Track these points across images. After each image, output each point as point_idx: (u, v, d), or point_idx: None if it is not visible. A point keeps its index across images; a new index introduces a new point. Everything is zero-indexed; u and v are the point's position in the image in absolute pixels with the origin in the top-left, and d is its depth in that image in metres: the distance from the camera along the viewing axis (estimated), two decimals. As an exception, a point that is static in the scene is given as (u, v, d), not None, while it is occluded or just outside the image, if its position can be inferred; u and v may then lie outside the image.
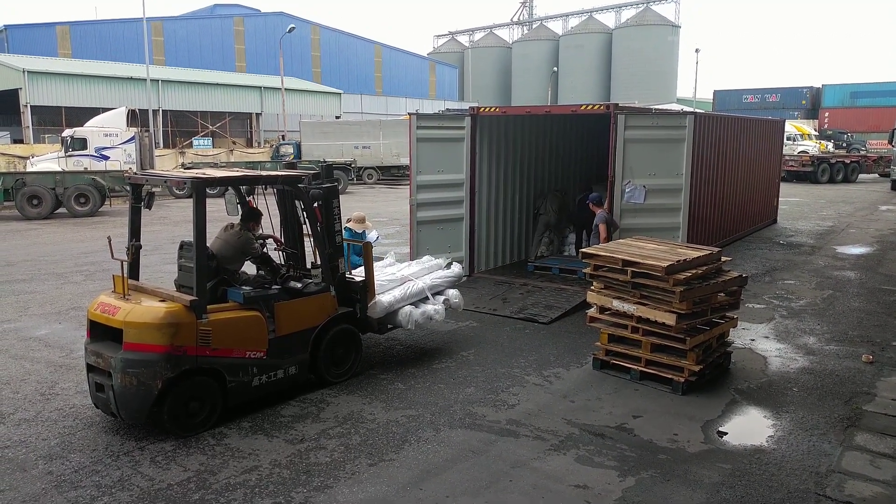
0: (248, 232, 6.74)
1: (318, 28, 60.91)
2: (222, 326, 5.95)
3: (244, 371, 6.13)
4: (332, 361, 6.96)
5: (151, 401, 5.59)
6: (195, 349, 5.76)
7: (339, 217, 7.19)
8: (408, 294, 7.63)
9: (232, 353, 6.02)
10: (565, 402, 6.59)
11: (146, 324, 5.62)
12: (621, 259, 6.91)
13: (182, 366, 5.69)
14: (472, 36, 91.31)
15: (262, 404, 6.43)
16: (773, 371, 7.52)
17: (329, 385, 6.89)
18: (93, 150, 25.75)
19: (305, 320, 6.66)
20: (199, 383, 5.88)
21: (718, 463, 5.38)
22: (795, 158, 33.45)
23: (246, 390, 6.17)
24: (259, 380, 6.24)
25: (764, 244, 15.76)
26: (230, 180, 6.89)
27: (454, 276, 8.37)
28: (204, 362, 5.85)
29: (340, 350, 7.04)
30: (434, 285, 7.98)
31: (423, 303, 7.76)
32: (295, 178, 6.91)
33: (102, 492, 4.89)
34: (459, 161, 11.05)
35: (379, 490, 4.94)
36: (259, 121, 47.23)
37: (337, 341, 6.97)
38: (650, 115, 10.62)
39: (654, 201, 9.69)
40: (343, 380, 7.03)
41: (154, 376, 5.56)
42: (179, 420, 5.76)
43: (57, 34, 47.86)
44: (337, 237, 7.14)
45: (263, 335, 6.24)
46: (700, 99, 59.72)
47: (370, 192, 32.15)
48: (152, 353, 5.58)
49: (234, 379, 6.05)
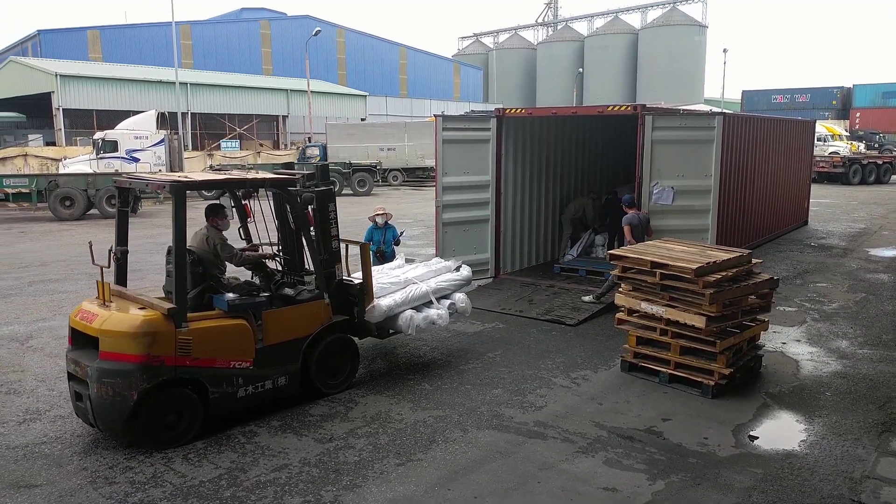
0: (215, 228, 6.42)
1: (343, 31, 61.28)
2: (204, 335, 5.71)
3: (228, 382, 5.86)
4: (327, 371, 6.66)
5: (127, 411, 5.39)
6: (174, 359, 5.54)
7: (336, 221, 6.86)
8: (409, 298, 7.32)
9: (215, 363, 5.77)
10: (593, 405, 6.56)
11: (122, 332, 5.43)
12: (650, 261, 6.86)
13: (159, 376, 5.47)
14: (496, 37, 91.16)
15: (291, 403, 6.49)
16: (806, 375, 7.42)
17: (324, 396, 6.61)
18: (123, 152, 26.15)
19: (296, 329, 6.37)
20: (177, 395, 5.64)
21: (750, 467, 5.32)
22: (826, 159, 32.97)
23: (231, 402, 5.92)
24: (245, 391, 5.98)
25: (795, 246, 15.54)
26: (213, 184, 6.75)
27: (462, 279, 8.10)
28: (184, 373, 5.61)
29: (336, 359, 6.75)
30: (439, 289, 7.70)
31: (427, 307, 7.49)
32: (284, 182, 6.59)
33: (136, 488, 4.98)
34: (485, 162, 11.05)
35: (407, 489, 4.97)
36: (286, 123, 47.67)
37: (332, 351, 6.68)
38: (678, 115, 10.53)
39: (682, 203, 9.60)
40: (338, 391, 6.73)
41: (129, 387, 5.35)
42: (154, 432, 5.54)
43: (88, 39, 48.73)
44: (334, 242, 6.82)
45: (250, 344, 5.99)
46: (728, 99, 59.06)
47: (395, 193, 32.25)
48: (128, 363, 5.37)
49: (218, 390, 5.80)
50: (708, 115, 10.78)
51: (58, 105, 37.07)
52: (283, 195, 6.67)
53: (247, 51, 55.49)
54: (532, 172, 12.11)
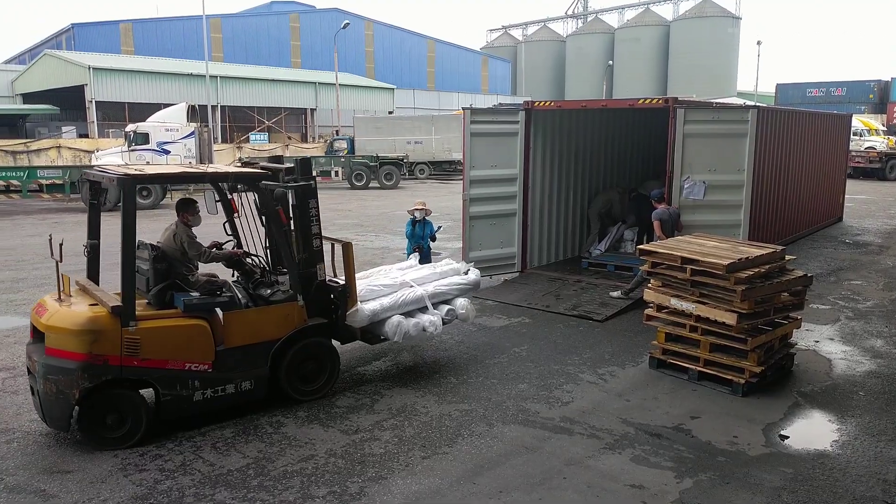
0: (184, 224, 6.18)
1: (371, 24, 61.38)
2: (155, 335, 5.50)
3: (183, 384, 5.62)
4: (302, 377, 6.31)
5: (70, 410, 5.27)
6: (119, 359, 5.35)
7: (317, 218, 6.47)
8: (399, 302, 6.89)
9: (167, 364, 5.54)
10: (620, 401, 6.50)
11: (65, 329, 5.30)
12: (680, 256, 6.76)
13: (103, 376, 5.29)
14: (525, 30, 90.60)
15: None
16: (839, 374, 7.27)
17: (298, 403, 6.27)
18: (154, 144, 26.45)
19: (263, 332, 6.03)
20: (120, 396, 5.45)
21: (780, 467, 5.24)
22: (862, 154, 32.28)
23: (185, 405, 5.67)
24: (203, 394, 5.72)
25: (829, 243, 15.25)
26: (167, 178, 6.39)
27: (468, 283, 7.62)
28: (131, 373, 5.42)
29: (311, 365, 6.36)
30: (438, 293, 7.25)
31: (423, 312, 7.08)
32: (253, 176, 6.23)
33: (166, 475, 5.05)
34: (513, 156, 10.98)
35: (433, 483, 4.97)
36: (314, 116, 47.91)
37: (307, 355, 6.31)
38: (711, 109, 10.36)
39: (714, 197, 9.45)
40: (314, 398, 6.35)
41: (71, 385, 5.20)
42: (97, 432, 5.40)
43: (120, 32, 49.43)
44: (315, 240, 6.44)
45: (208, 346, 5.72)
46: (762, 93, 57.97)
47: (422, 187, 32.27)
48: (71, 361, 5.22)
49: (171, 392, 5.57)
50: (742, 109, 10.59)
51: (91, 98, 37.67)
52: (254, 191, 6.31)
53: (276, 44, 55.87)
54: (560, 166, 12.01)
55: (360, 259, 13.32)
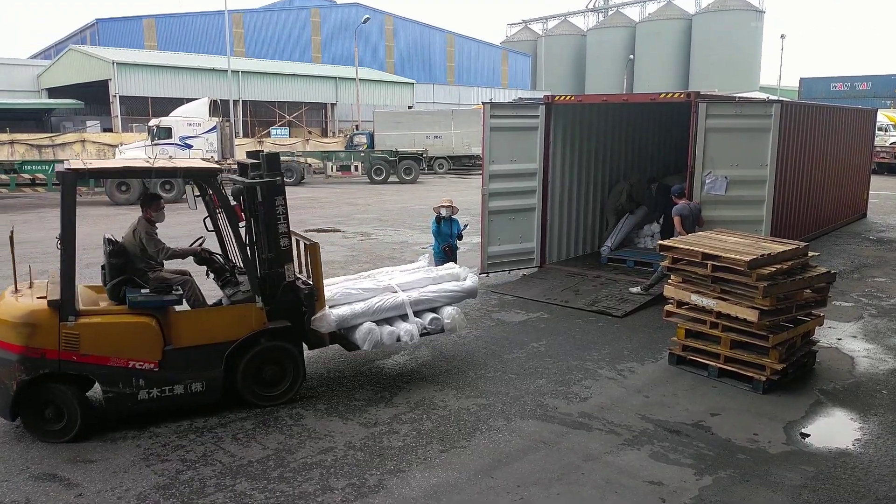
0: (145, 220, 6.11)
1: (391, 18, 61.42)
2: (96, 331, 5.44)
3: (126, 382, 5.53)
4: (262, 381, 6.06)
5: (10, 401, 5.30)
6: (57, 353, 5.32)
7: (285, 216, 6.15)
8: (374, 308, 6.45)
9: (108, 361, 5.46)
10: (639, 397, 6.47)
11: (5, 321, 5.35)
12: (701, 252, 6.71)
13: (40, 369, 5.30)
14: (545, 24, 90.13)
15: (337, 385, 6.58)
16: (861, 372, 7.19)
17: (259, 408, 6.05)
18: (177, 139, 26.71)
19: (216, 333, 5.83)
20: (56, 390, 5.42)
21: (801, 465, 5.19)
22: (887, 150, 31.79)
23: (130, 403, 5.59)
24: (148, 393, 5.61)
25: (852, 239, 15.04)
26: (110, 172, 6.25)
27: (461, 291, 7.08)
28: (70, 368, 5.38)
29: (271, 369, 6.09)
30: (424, 300, 6.77)
31: (404, 320, 6.64)
32: (202, 171, 6.05)
33: (187, 465, 5.12)
34: (533, 150, 10.95)
35: (450, 476, 4.99)
36: (334, 111, 48.12)
37: (267, 359, 6.05)
38: (733, 103, 10.25)
39: (736, 193, 9.36)
40: (275, 404, 6.09)
41: (10, 376, 5.25)
42: (35, 425, 5.44)
43: (143, 27, 49.93)
44: (282, 240, 6.12)
45: (154, 345, 5.59)
46: (785, 87, 57.15)
47: (441, 181, 32.28)
48: (10, 352, 5.28)
49: (113, 390, 5.50)
50: (765, 103, 10.47)
51: (115, 92, 38.12)
52: (208, 187, 6.12)
53: (297, 39, 56.12)
54: (580, 161, 11.96)
55: (378, 254, 13.43)
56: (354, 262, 12.57)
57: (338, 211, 20.62)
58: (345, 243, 14.77)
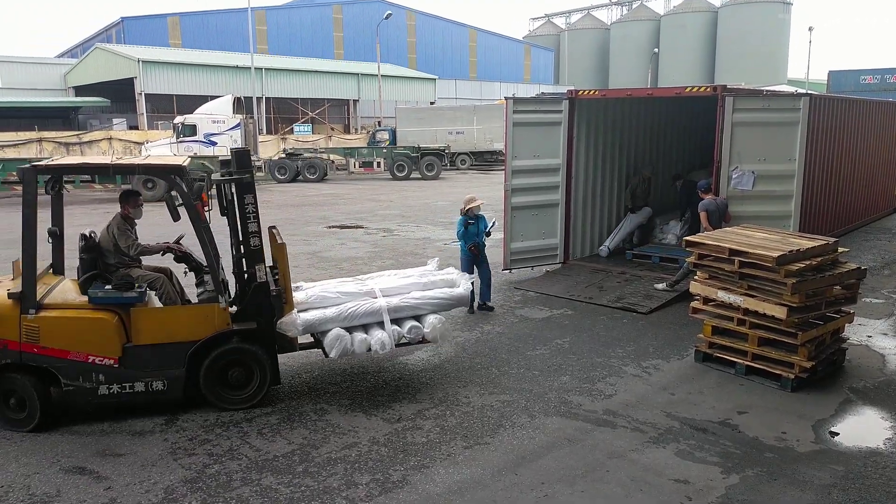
0: (120, 216, 6.17)
1: (413, 14, 61.42)
2: (56, 324, 5.53)
3: (86, 377, 5.59)
4: (227, 383, 5.95)
5: None
6: (18, 344, 5.46)
7: (256, 215, 5.98)
8: (346, 314, 6.11)
9: (68, 354, 5.54)
10: (665, 395, 6.41)
11: None
12: (728, 248, 6.63)
13: (2, 359, 5.47)
14: (568, 18, 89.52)
15: (360, 380, 6.60)
16: (892, 370, 7.06)
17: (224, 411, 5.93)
18: (202, 136, 27.01)
19: (177, 332, 5.79)
20: (16, 380, 5.53)
21: (830, 464, 5.11)
22: (919, 143, 31.08)
23: (90, 397, 5.64)
24: (109, 389, 5.64)
25: (884, 235, 14.78)
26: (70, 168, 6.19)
27: (448, 299, 6.58)
28: (31, 359, 5.50)
29: (237, 371, 5.95)
30: (405, 306, 6.33)
31: (380, 327, 6.22)
32: (161, 168, 6.03)
33: (214, 460, 5.17)
34: (556, 146, 10.88)
35: (474, 473, 4.98)
36: (356, 107, 48.26)
37: (232, 361, 5.92)
38: (761, 96, 10.09)
39: (763, 188, 9.22)
40: (241, 407, 5.96)
41: None
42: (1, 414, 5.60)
43: (168, 25, 50.47)
44: (252, 239, 5.97)
45: (114, 341, 5.61)
46: (813, 80, 56.25)
47: (463, 177, 32.27)
48: None
49: (73, 383, 5.57)
50: (793, 97, 10.29)
51: (140, 90, 38.57)
52: (170, 184, 6.05)
53: (319, 35, 56.37)
54: (604, 156, 11.86)
55: (401, 250, 13.45)
56: (377, 259, 12.61)
57: (360, 207, 20.69)
58: (367, 239, 14.82)
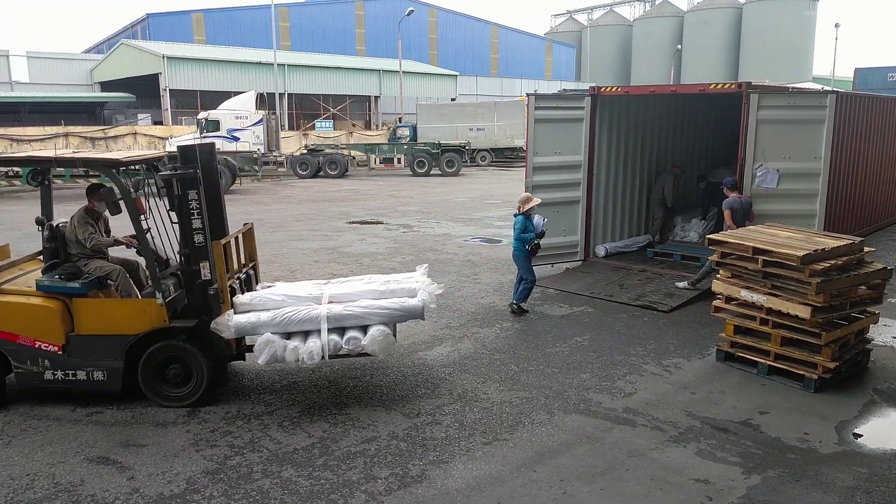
0: (84, 209, 6.28)
1: (435, 10, 61.39)
2: (6, 309, 5.84)
3: (33, 361, 5.84)
4: (168, 380, 5.94)
5: None
6: None
7: (200, 212, 5.90)
8: (281, 319, 5.83)
9: (17, 338, 5.83)
10: (686, 394, 6.37)
11: None
12: (752, 247, 6.56)
13: None
14: (590, 14, 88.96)
15: (380, 375, 6.63)
16: (919, 372, 6.94)
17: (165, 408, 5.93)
18: (225, 131, 27.25)
19: (115, 325, 5.87)
20: None
21: (854, 466, 5.05)
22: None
23: (37, 381, 5.89)
24: (53, 374, 5.86)
25: (910, 235, 14.52)
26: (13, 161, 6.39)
27: (399, 310, 6.05)
28: None
29: (175, 368, 5.93)
30: (349, 315, 5.90)
31: (317, 336, 5.87)
32: (100, 162, 6.07)
33: (235, 451, 5.22)
34: (577, 142, 10.83)
35: (493, 469, 4.98)
36: (378, 103, 48.36)
37: (171, 358, 5.92)
38: (786, 94, 9.96)
39: (788, 186, 9.11)
40: (179, 405, 5.92)
41: None
42: None
43: (192, 21, 50.89)
44: (196, 236, 5.91)
45: (57, 329, 5.81)
46: (839, 77, 55.48)
47: (483, 174, 32.22)
48: None
49: (22, 366, 5.86)
50: (819, 94, 10.15)
51: (165, 86, 38.96)
52: (110, 179, 6.02)
53: (341, 32, 56.55)
54: (626, 153, 11.79)
55: (420, 246, 13.47)
56: (397, 254, 12.65)
57: (381, 203, 20.75)
58: (387, 235, 14.86)
